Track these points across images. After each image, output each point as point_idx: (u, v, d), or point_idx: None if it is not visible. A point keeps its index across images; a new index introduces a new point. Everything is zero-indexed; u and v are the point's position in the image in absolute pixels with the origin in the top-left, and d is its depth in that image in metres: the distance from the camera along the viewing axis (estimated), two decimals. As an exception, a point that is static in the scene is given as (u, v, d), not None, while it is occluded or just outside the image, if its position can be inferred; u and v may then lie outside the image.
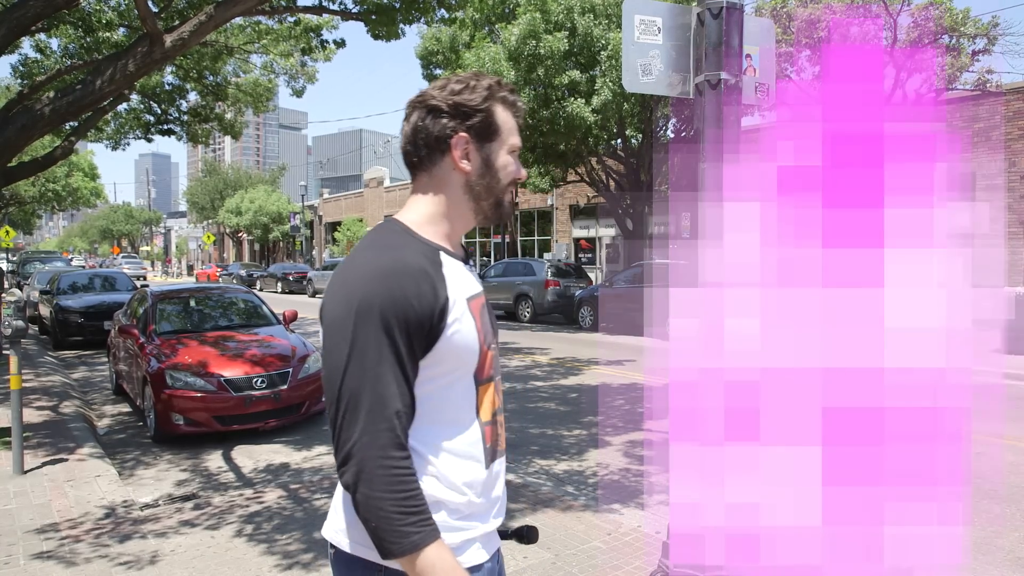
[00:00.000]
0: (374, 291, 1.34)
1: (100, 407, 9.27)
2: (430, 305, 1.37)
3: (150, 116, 15.32)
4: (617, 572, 4.04)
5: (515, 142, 1.56)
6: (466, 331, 1.43)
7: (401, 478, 1.32)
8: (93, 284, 16.84)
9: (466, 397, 1.47)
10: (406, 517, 1.31)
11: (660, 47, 3.17)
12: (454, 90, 1.49)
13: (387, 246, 1.42)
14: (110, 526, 4.81)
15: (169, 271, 63.99)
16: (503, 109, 1.53)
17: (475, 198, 1.53)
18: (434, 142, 1.49)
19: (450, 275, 1.44)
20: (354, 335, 1.33)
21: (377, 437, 1.32)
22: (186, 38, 6.50)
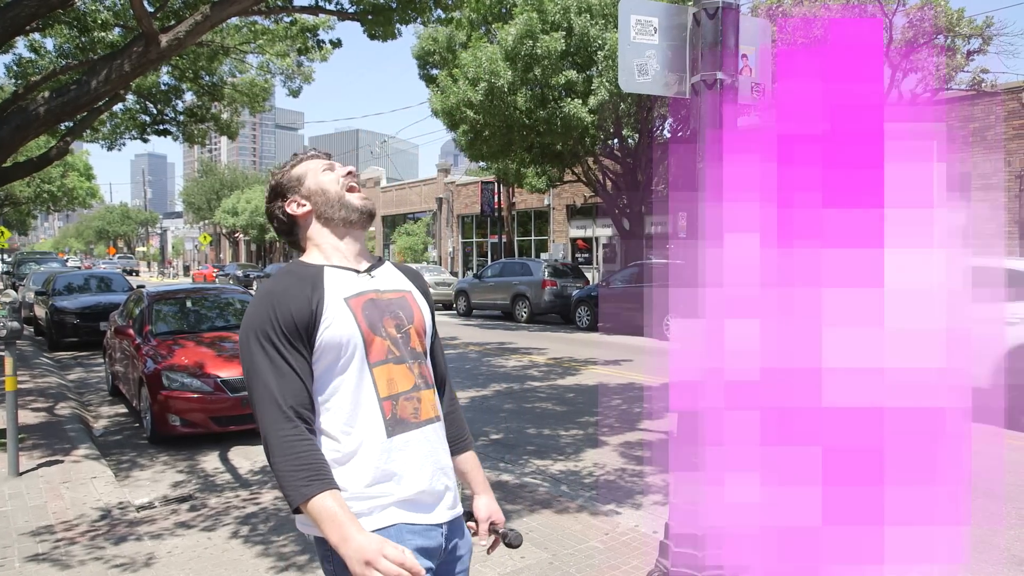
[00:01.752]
0: (257, 312, 1.72)
1: (96, 408, 9.25)
2: (302, 310, 1.71)
3: (146, 116, 15.29)
4: (614, 572, 4.03)
5: (319, 165, 1.92)
6: (342, 324, 1.73)
7: (290, 443, 1.62)
8: (89, 285, 16.80)
9: (360, 379, 1.75)
10: (297, 473, 1.59)
11: (656, 47, 3.16)
12: (270, 184, 1.96)
13: (275, 278, 1.80)
14: (106, 528, 4.80)
15: (166, 272, 63.88)
16: (296, 167, 1.93)
17: (328, 217, 1.88)
18: (283, 221, 1.92)
19: (330, 284, 1.78)
20: (246, 349, 1.71)
21: (267, 415, 1.64)
22: (182, 38, 6.49)
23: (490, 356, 13.46)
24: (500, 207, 31.14)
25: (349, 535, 1.56)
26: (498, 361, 12.84)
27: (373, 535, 1.59)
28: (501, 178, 25.24)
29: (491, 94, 17.18)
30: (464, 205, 34.43)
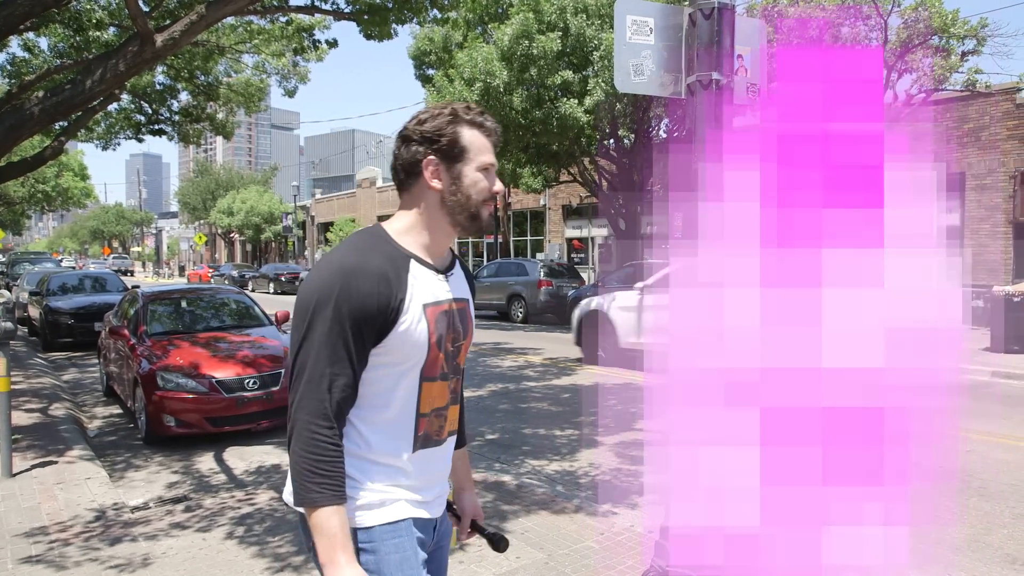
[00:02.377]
0: (334, 283, 1.58)
1: (91, 409, 9.23)
2: (384, 304, 1.60)
3: (141, 116, 15.26)
4: (610, 572, 4.04)
5: (484, 160, 1.73)
6: (416, 331, 1.65)
7: (319, 443, 1.55)
8: (83, 285, 16.74)
9: (409, 389, 1.69)
10: (314, 476, 1.54)
11: (652, 47, 3.17)
12: (422, 120, 1.71)
13: (358, 248, 1.65)
14: (100, 529, 4.78)
15: (161, 272, 63.77)
16: (470, 130, 1.71)
17: (449, 212, 1.73)
18: (409, 166, 1.72)
19: (413, 281, 1.66)
20: (311, 318, 1.58)
21: (309, 404, 1.56)
22: (177, 38, 6.47)
23: (486, 356, 13.46)
24: (496, 207, 31.13)
25: (338, 561, 1.55)
26: (494, 361, 12.84)
27: (359, 570, 1.57)
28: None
29: (487, 94, 17.18)
30: (460, 205, 34.35)
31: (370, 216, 42.64)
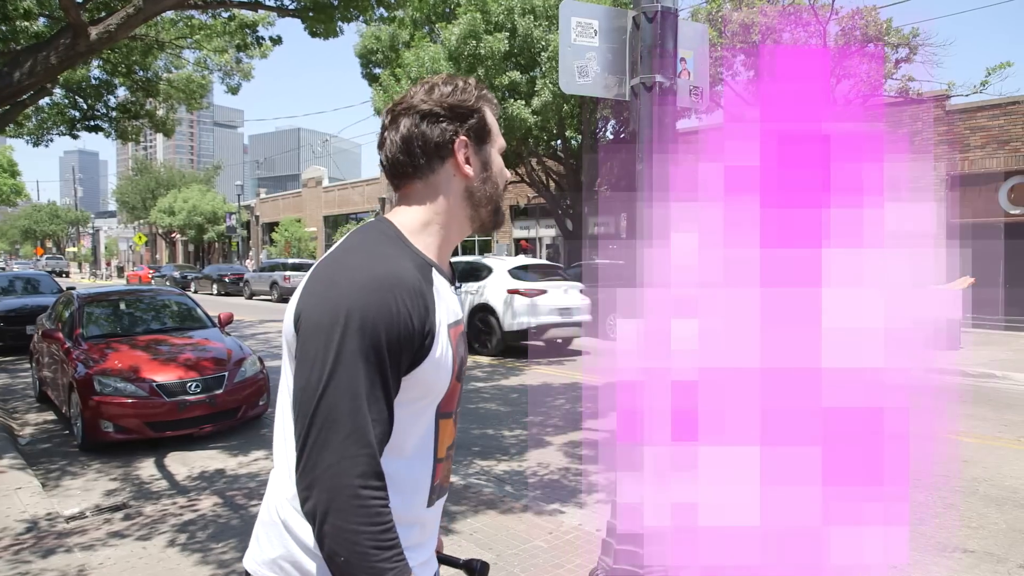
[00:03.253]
0: (367, 302, 1.22)
1: (23, 415, 8.89)
2: (421, 326, 1.27)
3: (75, 111, 14.80)
4: (558, 571, 4.06)
5: (503, 142, 1.51)
6: (444, 359, 1.34)
7: (377, 509, 1.21)
8: (14, 287, 16.13)
9: (427, 431, 1.38)
10: (381, 552, 1.20)
11: (597, 49, 3.20)
12: (445, 92, 1.42)
13: (382, 253, 1.31)
14: (32, 541, 4.61)
15: (98, 273, 61.80)
16: (490, 109, 1.48)
17: (475, 204, 1.46)
18: (434, 148, 1.40)
19: (439, 297, 1.35)
20: (340, 347, 1.21)
21: (355, 464, 1.20)
22: (113, 31, 6.28)
23: (434, 357, 13.40)
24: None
25: None
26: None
27: None
28: (445, 178, 25.12)
29: (434, 94, 17.11)
30: (408, 205, 34.16)
31: (316, 216, 42.06)
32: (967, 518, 4.97)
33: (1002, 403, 8.74)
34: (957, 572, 4.17)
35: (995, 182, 16.43)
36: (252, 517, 4.98)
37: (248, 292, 31.60)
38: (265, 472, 6.18)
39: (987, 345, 13.45)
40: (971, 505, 5.22)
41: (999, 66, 15.03)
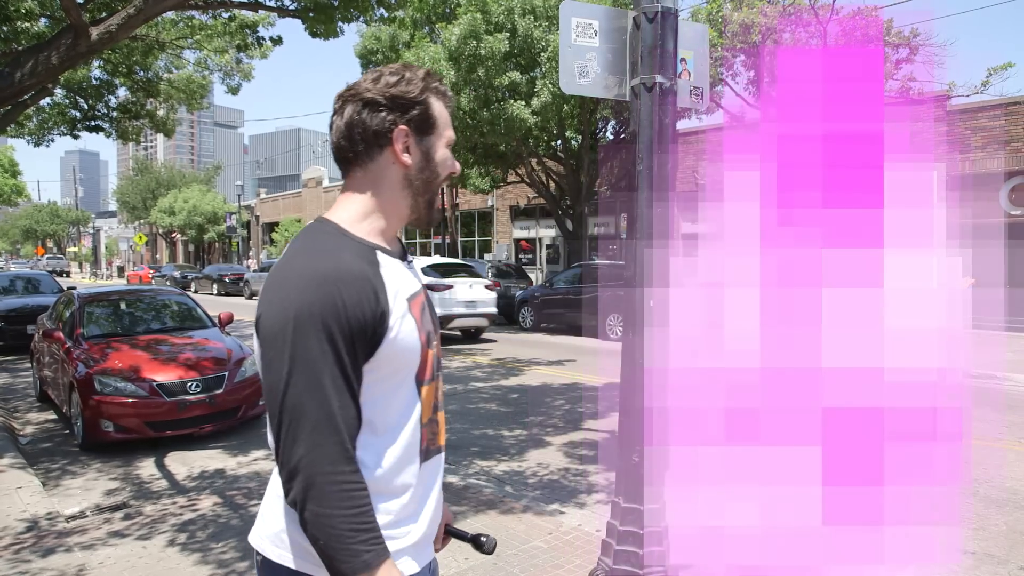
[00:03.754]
0: (312, 299, 1.29)
1: (24, 415, 8.89)
2: (372, 311, 1.33)
3: (76, 112, 14.80)
4: (558, 571, 4.06)
5: (451, 135, 1.53)
6: (407, 333, 1.39)
7: (352, 493, 1.28)
8: (15, 287, 16.14)
9: (408, 401, 1.44)
10: (357, 535, 1.27)
11: (597, 49, 3.20)
12: (390, 82, 1.44)
13: (322, 250, 1.37)
14: (32, 540, 4.61)
15: (98, 273, 61.80)
16: (437, 101, 1.49)
17: (413, 193, 1.50)
18: (372, 136, 1.44)
19: (388, 276, 1.40)
20: (294, 346, 1.28)
21: (326, 451, 1.27)
22: (113, 31, 6.28)
23: (434, 357, 13.40)
24: (443, 207, 31.04)
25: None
26: (443, 362, 12.79)
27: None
28: (445, 178, 25.13)
29: (435, 94, 17.10)
30: (408, 205, 34.18)
31: (316, 217, 42.00)
32: (967, 519, 4.97)
33: (1003, 404, 8.73)
34: (957, 573, 4.16)
35: (996, 183, 16.42)
36: (252, 517, 4.98)
37: (248, 292, 31.63)
38: (265, 472, 6.18)
39: (988, 346, 13.44)
40: (972, 506, 5.22)
41: (1000, 66, 15.03)
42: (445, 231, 31.62)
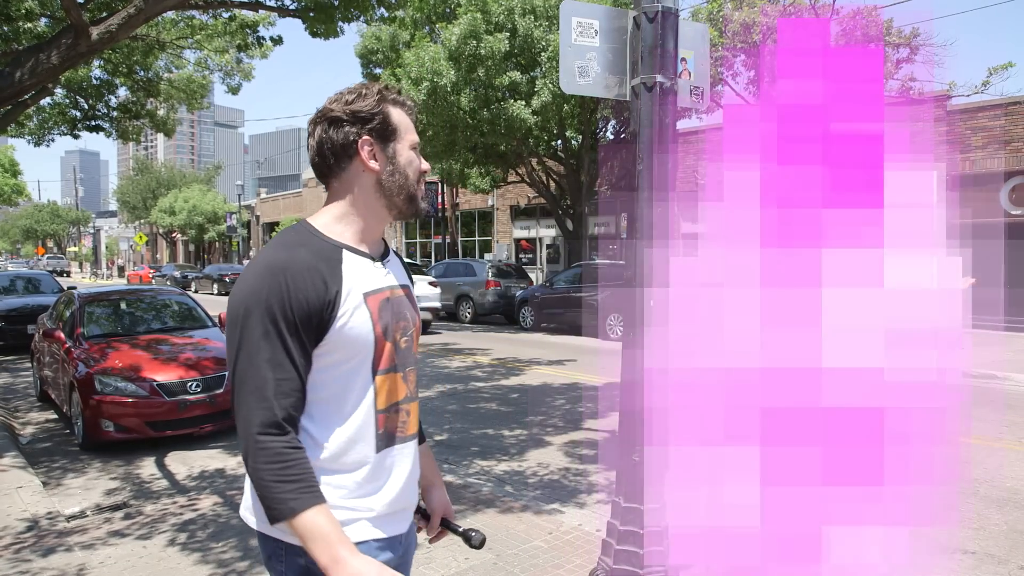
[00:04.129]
0: (262, 285, 1.49)
1: (24, 415, 8.90)
2: (318, 298, 1.51)
3: (76, 111, 14.80)
4: (558, 571, 4.06)
5: (413, 138, 1.70)
6: (358, 323, 1.56)
7: (278, 451, 1.45)
8: (15, 286, 16.14)
9: (362, 387, 1.60)
10: (283, 485, 1.44)
11: (597, 49, 3.20)
12: (349, 100, 1.64)
13: (285, 244, 1.57)
14: (32, 540, 4.62)
15: (99, 273, 61.80)
16: (396, 109, 1.67)
17: (387, 195, 1.67)
18: (341, 149, 1.63)
19: (348, 271, 1.58)
20: (243, 325, 1.49)
21: (256, 415, 1.46)
22: (114, 31, 6.28)
23: (434, 357, 13.41)
24: (444, 207, 31.04)
25: (342, 557, 1.44)
26: (442, 362, 12.79)
27: (369, 559, 1.48)
28: (445, 178, 25.18)
29: (434, 94, 17.11)
30: (408, 205, 34.18)
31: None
32: (968, 519, 4.97)
33: (1003, 404, 8.73)
34: (958, 574, 4.17)
35: (996, 182, 16.41)
36: (252, 517, 4.98)
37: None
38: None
39: (988, 346, 13.44)
40: (972, 506, 5.22)
41: (1001, 66, 15.02)
42: (445, 231, 31.62)
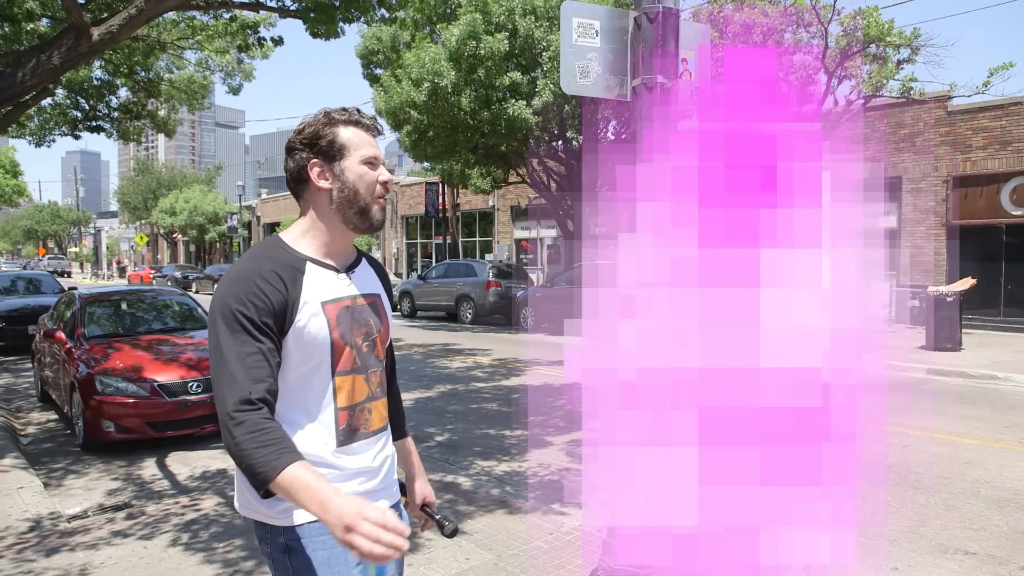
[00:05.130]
0: (231, 291, 1.65)
1: (26, 415, 8.91)
2: (279, 300, 1.67)
3: (77, 112, 14.81)
4: (559, 571, 4.06)
5: (366, 153, 1.80)
6: (314, 328, 1.71)
7: (254, 422, 1.55)
8: (16, 287, 16.15)
9: (321, 386, 1.75)
10: (263, 450, 1.52)
11: (598, 50, 3.20)
12: (302, 129, 1.81)
13: (252, 255, 1.74)
14: (35, 540, 4.62)
15: (100, 273, 61.81)
16: (346, 128, 1.80)
17: (340, 210, 1.80)
18: (296, 173, 1.81)
19: (310, 282, 1.74)
20: (215, 327, 1.64)
21: (230, 397, 1.57)
22: (115, 32, 6.29)
23: (434, 357, 13.41)
24: (444, 208, 31.05)
25: (326, 499, 1.48)
26: (443, 362, 12.80)
27: (352, 496, 1.51)
28: (445, 179, 25.18)
29: (435, 95, 17.11)
30: (408, 206, 34.23)
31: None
32: (968, 520, 4.97)
33: (1004, 405, 8.73)
34: (958, 574, 4.17)
35: (997, 183, 16.41)
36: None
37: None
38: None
39: (988, 347, 13.44)
40: (972, 507, 5.22)
41: (1001, 67, 15.00)
42: (446, 231, 31.63)
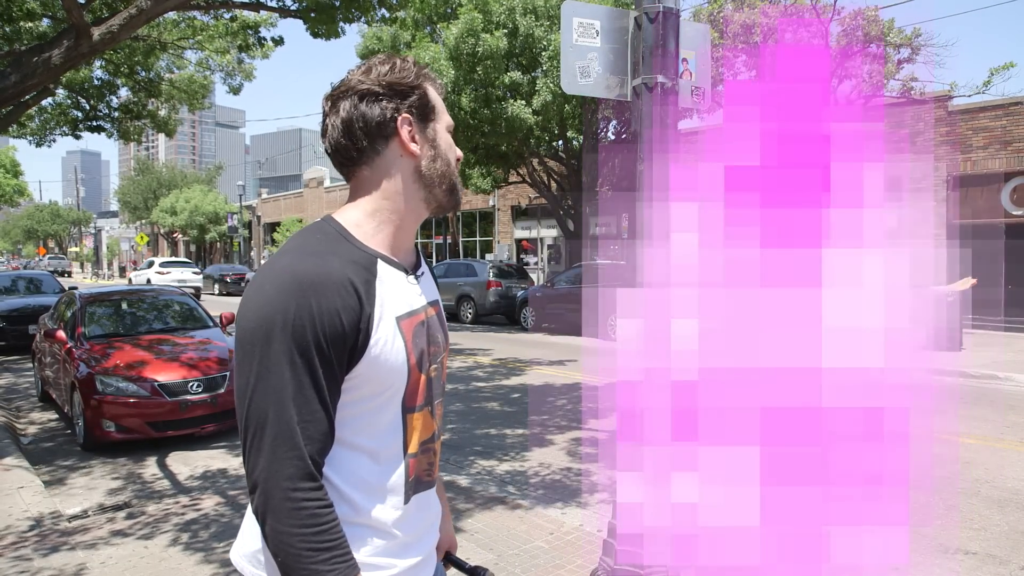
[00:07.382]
0: (287, 304, 1.19)
1: (26, 415, 8.91)
2: (351, 323, 1.23)
3: (78, 112, 14.82)
4: (559, 571, 4.06)
5: (449, 120, 1.46)
6: (392, 354, 1.30)
7: (311, 511, 1.20)
8: (16, 287, 16.16)
9: (392, 426, 1.34)
10: (317, 554, 1.19)
11: (598, 49, 3.20)
12: (382, 71, 1.35)
13: (312, 251, 1.27)
14: (35, 539, 4.62)
15: (100, 273, 61.82)
16: (431, 86, 1.42)
17: (427, 185, 1.40)
18: (376, 128, 1.34)
19: (383, 289, 1.31)
20: (263, 352, 1.20)
21: (283, 467, 1.19)
22: (115, 32, 6.29)
23: (436, 357, 13.41)
24: (445, 207, 31.00)
25: None
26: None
27: None
28: (446, 179, 25.15)
29: (435, 94, 17.11)
30: (409, 205, 34.21)
31: (317, 217, 41.53)
32: (969, 520, 4.97)
33: (1004, 404, 8.73)
34: (959, 574, 4.17)
35: (997, 183, 16.41)
36: (254, 517, 4.98)
37: (250, 292, 31.56)
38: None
39: (989, 346, 13.44)
40: (973, 507, 5.22)
41: (1002, 66, 15.02)
42: (446, 231, 31.63)
